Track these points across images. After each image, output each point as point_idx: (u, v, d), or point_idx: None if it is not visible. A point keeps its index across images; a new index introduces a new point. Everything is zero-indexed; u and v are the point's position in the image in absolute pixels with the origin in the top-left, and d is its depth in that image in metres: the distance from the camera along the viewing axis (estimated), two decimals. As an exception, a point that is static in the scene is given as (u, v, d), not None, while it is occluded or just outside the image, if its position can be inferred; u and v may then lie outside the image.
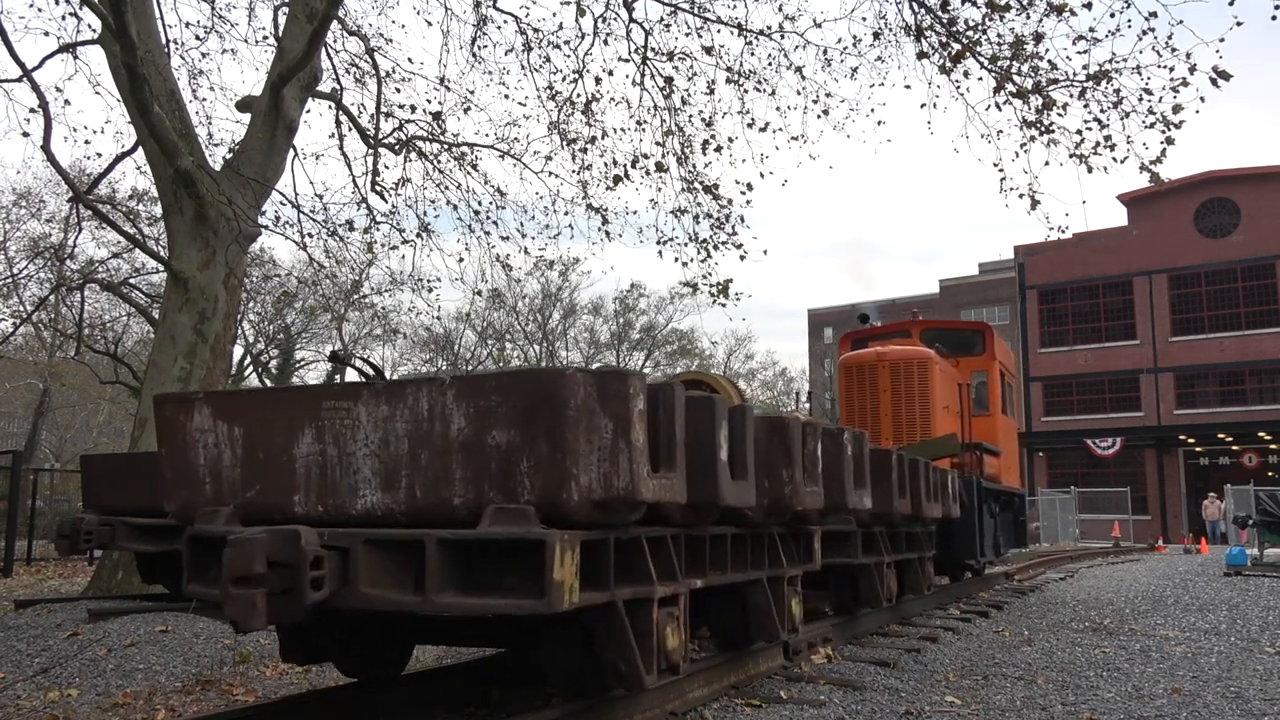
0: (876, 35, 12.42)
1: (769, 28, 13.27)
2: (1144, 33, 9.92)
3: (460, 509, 3.39)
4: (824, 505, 5.31)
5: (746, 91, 13.62)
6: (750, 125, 13.67)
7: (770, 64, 15.62)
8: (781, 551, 5.35)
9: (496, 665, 5.33)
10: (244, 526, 3.53)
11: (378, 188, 14.48)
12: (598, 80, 13.93)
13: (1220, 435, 38.57)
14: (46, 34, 23.64)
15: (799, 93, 13.85)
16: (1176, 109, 10.08)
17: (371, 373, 7.37)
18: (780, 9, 13.66)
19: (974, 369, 13.29)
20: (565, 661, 4.00)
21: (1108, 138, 10.61)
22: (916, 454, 8.26)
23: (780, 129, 15.55)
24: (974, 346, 13.59)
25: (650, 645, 3.74)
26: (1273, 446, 37.98)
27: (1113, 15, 10.11)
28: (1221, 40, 9.86)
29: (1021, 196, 11.44)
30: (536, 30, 14.25)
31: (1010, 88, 10.74)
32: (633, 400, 3.38)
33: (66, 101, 15.10)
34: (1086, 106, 10.67)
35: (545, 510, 3.28)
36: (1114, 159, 10.68)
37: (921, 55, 11.25)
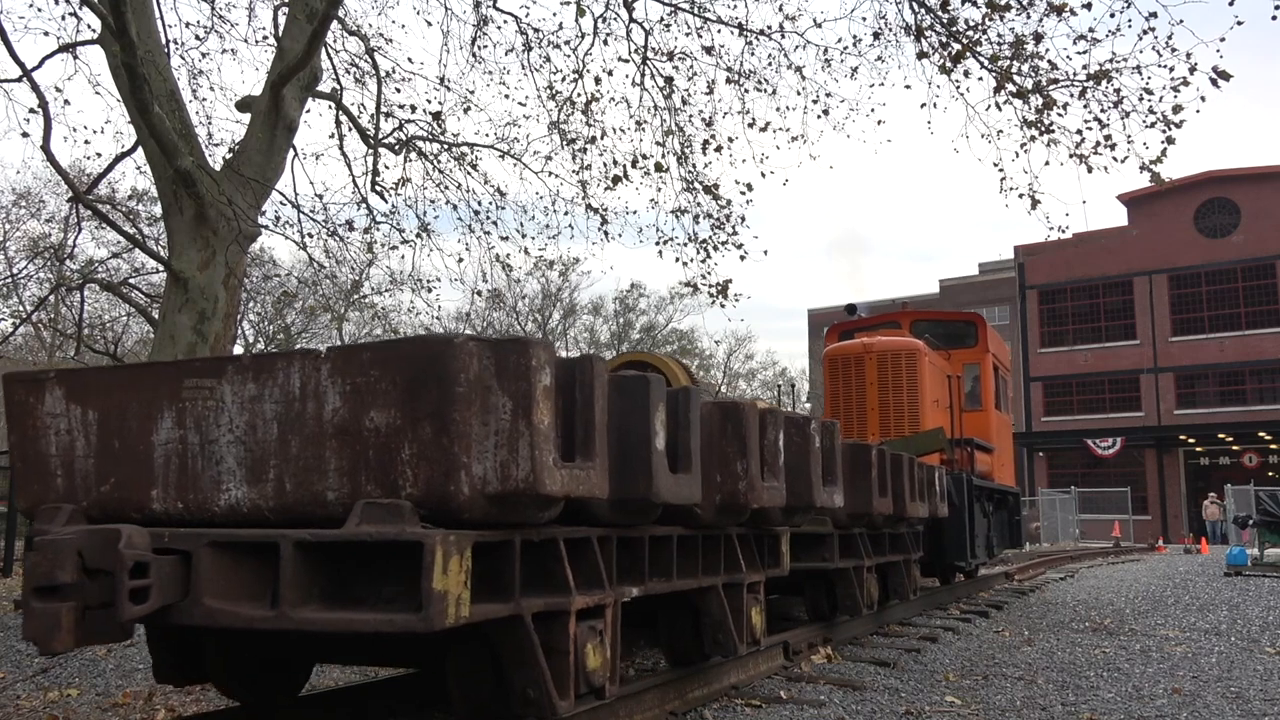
0: (876, 35, 12.42)
1: (769, 28, 13.27)
2: (1144, 33, 9.92)
3: (335, 505, 2.90)
4: (787, 503, 4.78)
5: (747, 91, 13.62)
6: (750, 125, 13.68)
7: (770, 64, 15.63)
8: (740, 555, 4.81)
9: (417, 684, 4.76)
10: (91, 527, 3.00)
11: (378, 188, 14.48)
12: (598, 80, 13.93)
13: (1220, 435, 38.56)
14: (46, 34, 23.65)
15: (799, 93, 13.84)
16: (1177, 109, 10.08)
17: None
18: (780, 9, 13.64)
19: (966, 362, 12.76)
20: (469, 684, 3.42)
21: (1108, 137, 10.61)
22: (901, 450, 7.84)
23: (780, 129, 15.54)
24: (965, 338, 13.02)
25: (566, 665, 3.21)
26: (1273, 446, 37.96)
27: (1113, 15, 10.12)
28: (1222, 40, 9.86)
29: (1021, 196, 11.44)
30: (536, 30, 14.25)
31: (1010, 88, 10.74)
32: (536, 374, 2.86)
33: (66, 101, 15.10)
34: (1086, 106, 10.67)
35: (431, 506, 2.81)
36: (1114, 159, 10.69)
37: (921, 55, 11.25)
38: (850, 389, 11.15)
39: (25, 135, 13.25)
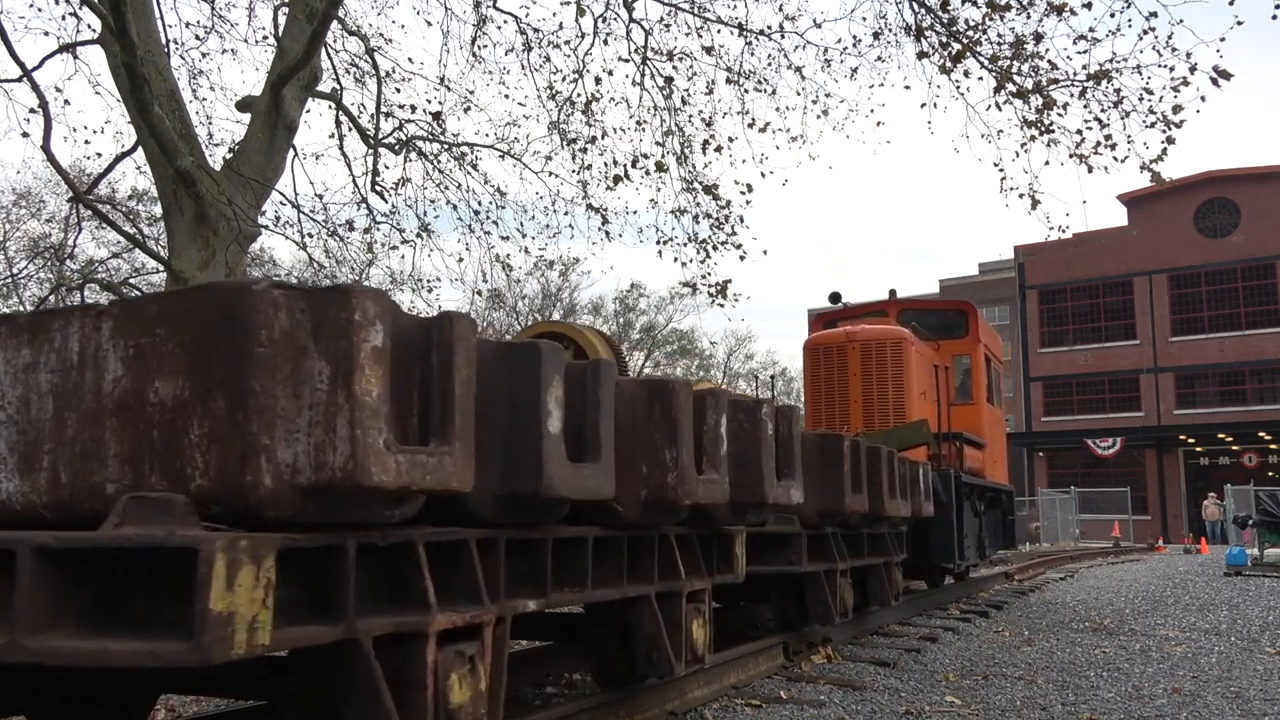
0: (876, 35, 12.42)
1: (769, 28, 13.27)
2: (1144, 32, 9.92)
3: (116, 499, 2.31)
4: (732, 499, 4.14)
5: (746, 91, 13.62)
6: (750, 125, 13.67)
7: (770, 64, 15.61)
8: (680, 559, 4.12)
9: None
10: None
11: (378, 188, 14.48)
12: (598, 80, 13.93)
13: (1220, 435, 38.57)
14: (46, 34, 23.64)
15: (799, 93, 13.85)
16: (1177, 109, 10.08)
17: None
18: (780, 9, 13.64)
19: (956, 353, 12.12)
20: None
21: (1108, 137, 10.61)
22: (882, 443, 7.29)
23: (780, 129, 15.54)
24: (956, 328, 12.35)
25: (421, 701, 2.57)
26: (1273, 446, 37.97)
27: (1113, 15, 10.12)
28: (1222, 40, 9.87)
29: (1021, 196, 11.44)
30: (536, 30, 14.25)
31: (1010, 87, 10.74)
32: (362, 332, 2.25)
33: (66, 101, 15.09)
34: (1087, 106, 10.67)
35: (226, 501, 2.22)
36: (1114, 159, 10.68)
37: (921, 55, 11.25)
38: (832, 380, 10.58)
39: (25, 135, 13.24)
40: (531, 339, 3.05)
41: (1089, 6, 10.11)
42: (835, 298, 12.69)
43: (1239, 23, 9.83)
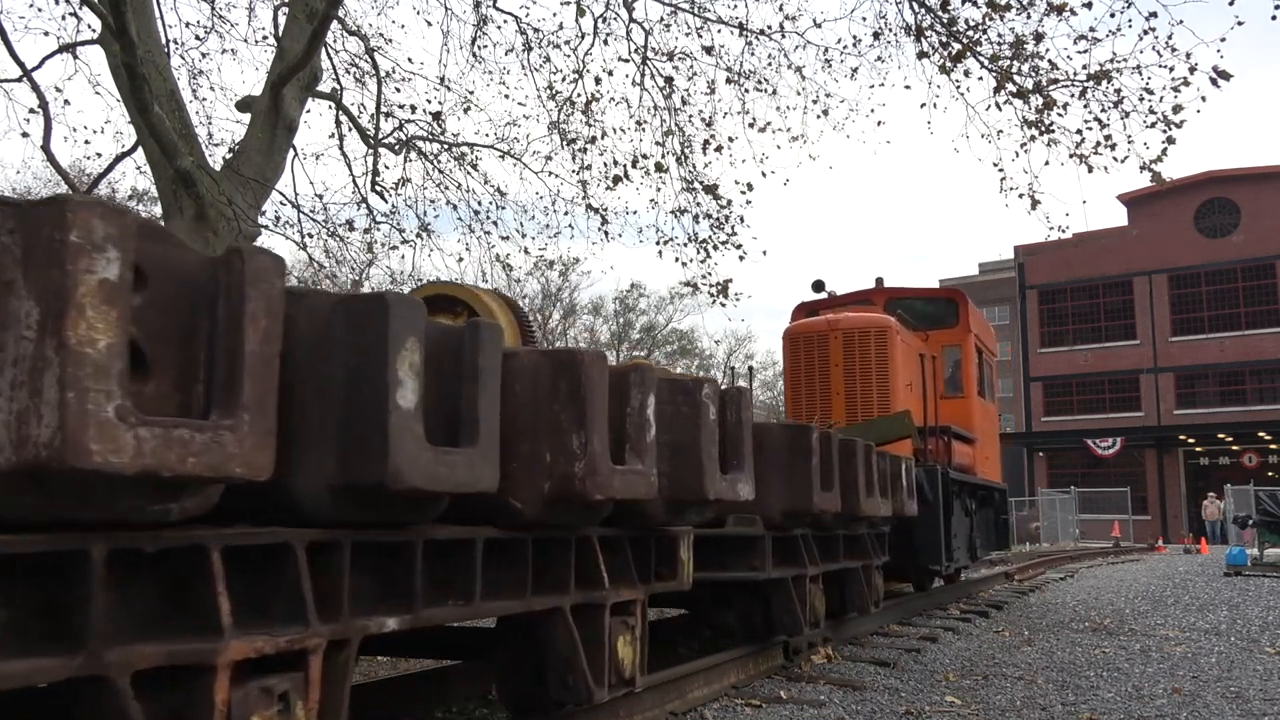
0: (877, 35, 12.42)
1: (769, 28, 13.27)
2: (1144, 32, 9.92)
3: None
4: (665, 494, 3.60)
5: (747, 91, 13.63)
6: (750, 125, 13.68)
7: (770, 64, 15.63)
8: (603, 566, 3.50)
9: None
10: None
11: (378, 188, 14.48)
12: (598, 80, 13.94)
13: (1220, 435, 38.58)
14: (46, 34, 23.62)
15: (799, 93, 13.86)
16: (1177, 109, 10.08)
17: None
18: (780, 9, 13.66)
19: (946, 344, 11.61)
20: None
21: (1108, 137, 10.61)
22: (860, 436, 6.78)
23: (780, 129, 15.55)
24: (945, 318, 11.78)
25: None
26: (1273, 446, 37.98)
27: (1113, 15, 10.13)
28: (1222, 40, 9.88)
29: (1021, 196, 11.44)
30: (536, 30, 14.27)
31: (1010, 87, 10.74)
32: (83, 260, 1.69)
33: (66, 101, 15.09)
34: (1087, 106, 10.67)
35: None
36: (1114, 159, 10.69)
37: (921, 55, 11.26)
38: (813, 371, 10.00)
39: (25, 135, 13.25)
40: (375, 293, 2.40)
41: (1089, 6, 10.11)
42: (819, 285, 11.83)
43: (1239, 23, 9.84)
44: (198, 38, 15.55)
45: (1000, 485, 13.00)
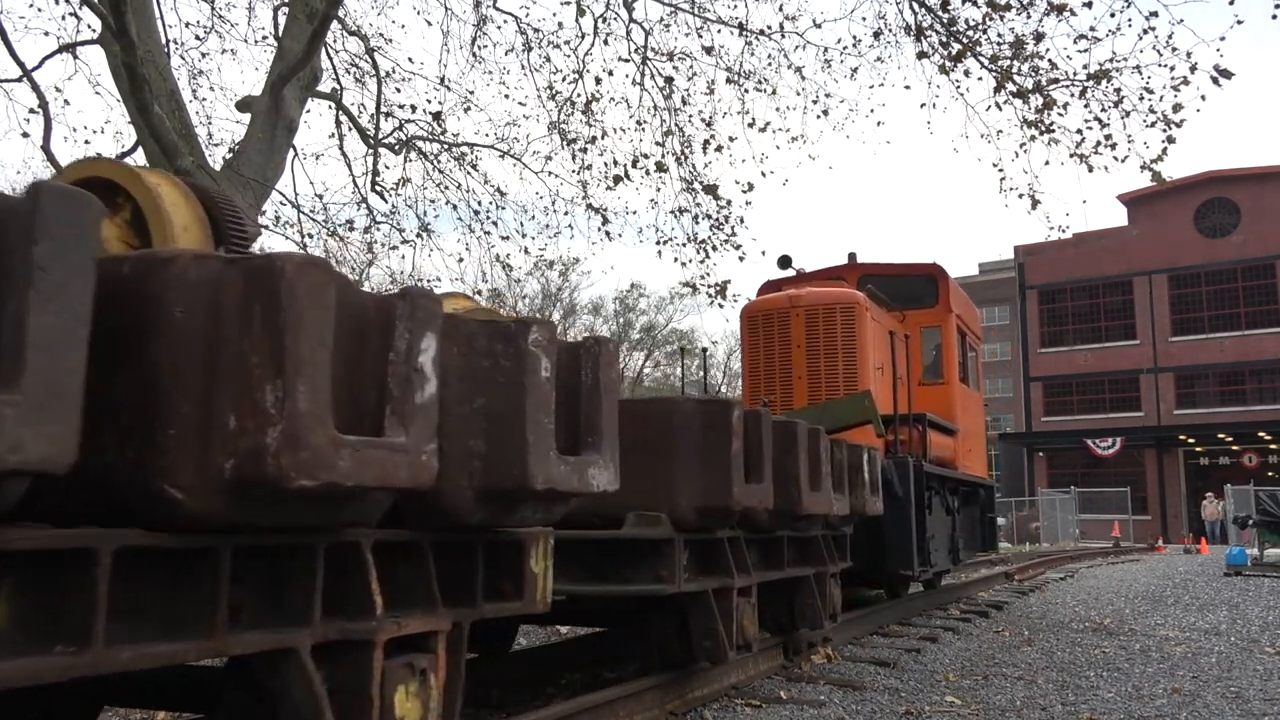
0: (877, 35, 12.44)
1: (769, 28, 13.28)
2: (1144, 32, 9.93)
3: None
4: (473, 483, 2.63)
5: (746, 91, 13.64)
6: (750, 125, 13.69)
7: (770, 64, 15.66)
8: (375, 584, 2.41)
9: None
10: None
11: (378, 188, 14.49)
12: (598, 80, 13.94)
13: (1220, 435, 38.59)
14: (46, 34, 23.67)
15: (799, 93, 13.89)
16: (1177, 108, 10.09)
17: None
18: (780, 9, 13.69)
19: (924, 324, 10.66)
20: None
21: (1108, 137, 10.62)
22: (812, 420, 5.90)
23: (780, 129, 15.57)
24: (924, 297, 10.77)
25: None
26: (1273, 446, 37.99)
27: (1113, 15, 10.14)
28: (1222, 39, 9.89)
29: (1021, 197, 11.45)
30: (536, 30, 14.29)
31: (1010, 87, 10.75)
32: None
33: (66, 101, 15.15)
34: (1087, 106, 10.68)
35: None
36: (1115, 158, 10.70)
37: (921, 55, 11.26)
38: (773, 353, 9.13)
39: (25, 135, 13.26)
40: None
41: (1089, 5, 10.12)
42: (785, 261, 10.71)
43: (1239, 22, 9.85)
44: (198, 38, 15.56)
45: (986, 481, 11.94)
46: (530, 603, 3.04)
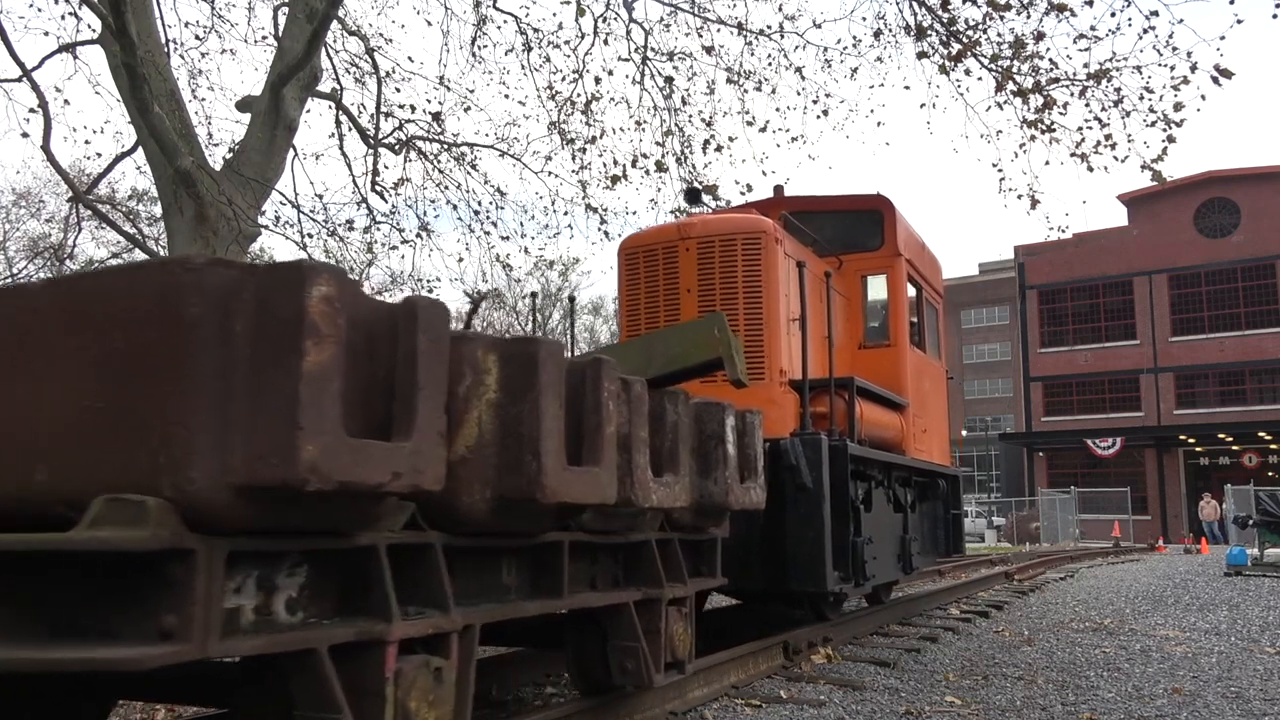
0: (877, 35, 12.44)
1: (769, 28, 13.28)
2: (1145, 31, 9.93)
3: None
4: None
5: (746, 91, 13.64)
6: (750, 125, 13.68)
7: (770, 64, 15.66)
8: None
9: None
10: None
11: (378, 188, 14.49)
12: (598, 80, 13.96)
13: (1220, 435, 38.58)
14: (46, 34, 23.66)
15: (799, 93, 13.92)
16: (1178, 107, 10.09)
17: None
18: (780, 9, 13.70)
19: (866, 271, 8.62)
20: None
21: (1108, 137, 10.62)
22: (636, 356, 4.34)
23: (780, 129, 15.58)
24: (865, 238, 8.70)
25: None
26: (1273, 446, 37.99)
27: (1113, 14, 10.13)
28: (1222, 39, 9.89)
29: (1021, 197, 11.44)
30: (536, 30, 14.28)
31: (1011, 87, 10.75)
32: None
33: (66, 101, 15.13)
34: (1087, 105, 10.67)
35: None
36: (1115, 158, 10.68)
37: (921, 55, 11.26)
38: (656, 299, 7.22)
39: (25, 135, 13.24)
40: None
41: (1090, 4, 10.12)
42: (693, 195, 8.47)
43: (1239, 21, 9.84)
44: (197, 38, 15.57)
45: (948, 469, 9.85)
46: None
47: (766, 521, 6.01)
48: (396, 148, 14.53)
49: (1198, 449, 40.19)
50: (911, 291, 9.02)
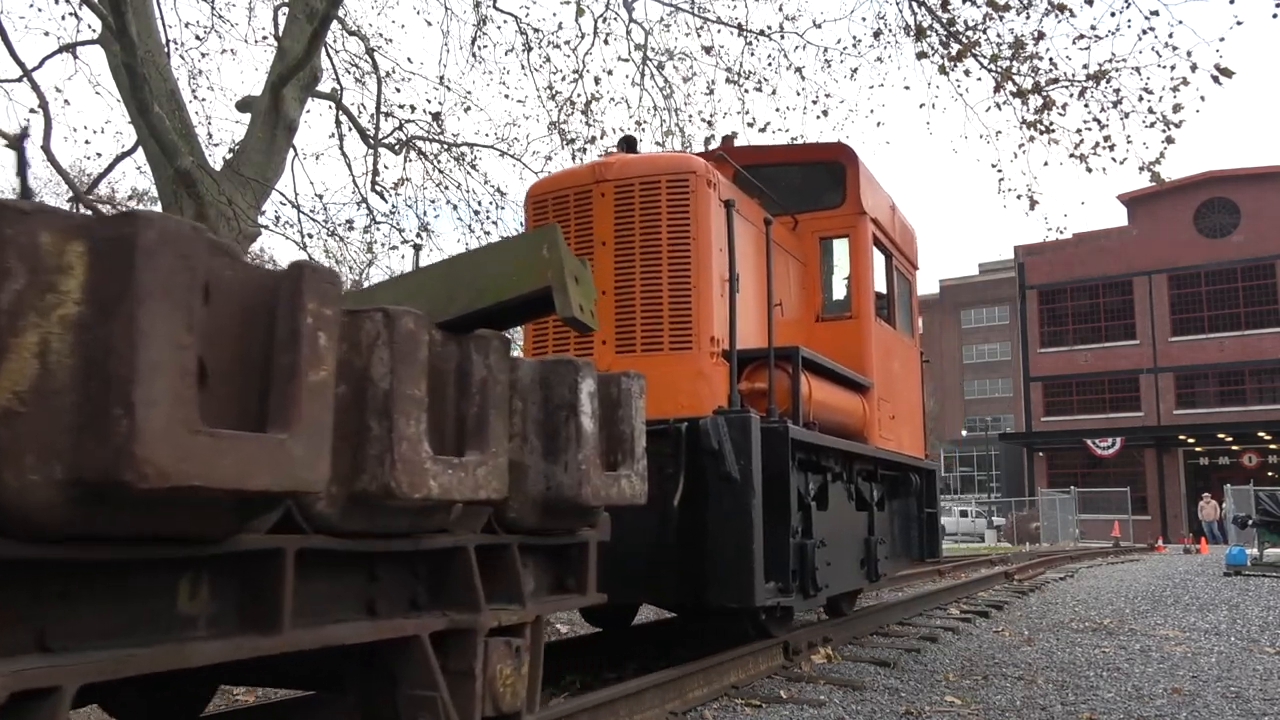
0: (877, 35, 12.46)
1: (769, 28, 13.29)
2: (1144, 32, 9.94)
3: None
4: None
5: (746, 92, 13.65)
6: (750, 125, 13.70)
7: (770, 64, 15.67)
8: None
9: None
10: None
11: (378, 188, 14.50)
12: (597, 80, 13.97)
13: (1220, 435, 38.59)
14: (46, 34, 23.67)
15: (799, 93, 13.95)
16: (1177, 108, 10.10)
17: None
18: (780, 9, 13.72)
19: (824, 232, 7.56)
20: None
21: (1107, 138, 10.64)
22: (439, 283, 2.90)
23: (780, 129, 15.59)
24: (824, 194, 7.62)
25: None
26: (1273, 446, 37.99)
27: (1113, 15, 10.17)
28: (1221, 40, 9.92)
29: (1020, 197, 11.47)
30: (536, 30, 14.31)
31: (1010, 87, 10.76)
32: None
33: (66, 101, 15.21)
34: (1086, 106, 10.69)
35: None
36: (1114, 159, 10.71)
37: (921, 55, 11.27)
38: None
39: (25, 135, 13.26)
40: None
41: (1090, 3, 10.13)
42: (628, 143, 6.66)
43: (1238, 22, 9.85)
44: (198, 38, 15.58)
45: (921, 462, 8.70)
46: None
47: (683, 520, 5.00)
48: (396, 148, 14.53)
49: (1197, 449, 40.20)
50: (880, 259, 7.87)
